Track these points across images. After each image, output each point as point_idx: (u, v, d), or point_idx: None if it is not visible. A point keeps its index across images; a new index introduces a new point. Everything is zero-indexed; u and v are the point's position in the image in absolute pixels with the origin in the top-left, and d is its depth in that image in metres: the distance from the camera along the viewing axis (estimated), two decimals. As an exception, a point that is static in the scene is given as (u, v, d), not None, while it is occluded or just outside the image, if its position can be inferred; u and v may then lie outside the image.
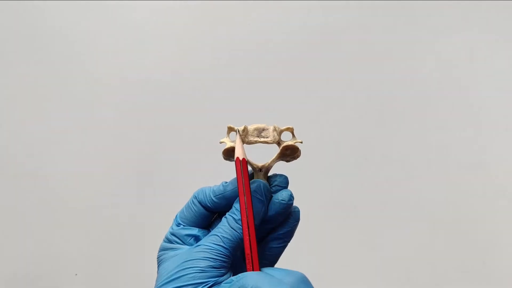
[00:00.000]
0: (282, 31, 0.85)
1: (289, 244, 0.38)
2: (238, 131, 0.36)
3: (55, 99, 0.83)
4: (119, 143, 0.82)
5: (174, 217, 0.37)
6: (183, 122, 0.82)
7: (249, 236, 0.33)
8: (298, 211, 0.37)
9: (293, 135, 0.37)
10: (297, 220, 0.37)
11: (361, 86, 0.84)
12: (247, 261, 0.33)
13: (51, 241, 0.80)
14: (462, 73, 0.85)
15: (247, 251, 0.33)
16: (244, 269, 0.37)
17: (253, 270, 0.33)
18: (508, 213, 0.81)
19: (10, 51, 0.84)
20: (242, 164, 0.34)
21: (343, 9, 0.86)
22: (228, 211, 0.36)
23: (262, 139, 0.36)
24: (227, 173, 0.39)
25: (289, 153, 0.37)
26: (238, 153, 0.35)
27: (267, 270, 0.34)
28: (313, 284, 0.33)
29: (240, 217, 0.34)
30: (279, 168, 0.38)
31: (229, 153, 0.36)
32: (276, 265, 0.38)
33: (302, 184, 0.80)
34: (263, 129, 0.36)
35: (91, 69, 0.83)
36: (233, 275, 0.34)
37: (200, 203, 0.36)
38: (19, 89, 0.83)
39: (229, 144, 0.36)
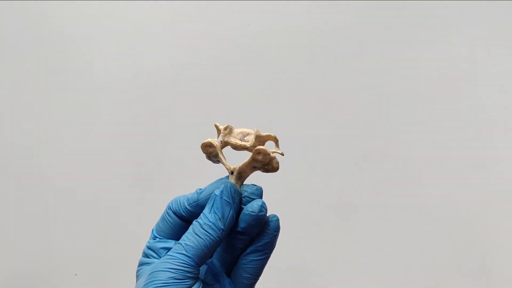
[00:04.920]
0: (281, 30, 0.85)
1: (289, 244, 0.36)
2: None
3: (55, 98, 0.83)
4: (119, 143, 0.82)
5: (151, 230, 0.35)
6: (183, 123, 0.82)
7: None
8: (277, 220, 0.34)
9: (277, 146, 0.34)
10: (276, 230, 0.34)
11: (361, 86, 0.84)
12: None
13: (51, 241, 0.80)
14: (462, 73, 0.85)
15: None
16: (223, 277, 0.35)
17: None
18: (508, 213, 0.81)
19: (10, 51, 0.84)
20: None
21: (342, 8, 0.86)
22: None
23: (242, 143, 0.34)
24: (225, 173, 0.38)
25: (261, 159, 0.33)
26: None
27: None
28: (313, 282, 0.32)
29: (205, 222, 0.31)
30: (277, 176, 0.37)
31: (206, 149, 0.35)
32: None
33: (302, 184, 0.81)
34: (248, 134, 0.35)
35: (91, 68, 0.84)
36: (215, 284, 0.32)
37: (175, 213, 0.34)
38: (19, 89, 0.83)
39: (208, 139, 0.34)
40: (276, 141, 0.34)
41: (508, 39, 0.85)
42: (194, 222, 0.32)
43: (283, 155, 0.34)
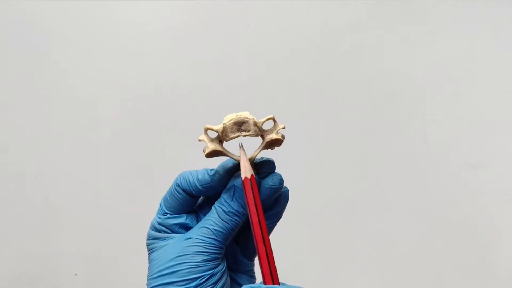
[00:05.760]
0: (280, 30, 0.85)
1: (288, 242, 0.37)
2: (241, 145, 0.35)
3: (54, 98, 0.83)
4: (119, 143, 0.82)
5: (159, 204, 0.37)
6: (184, 123, 0.82)
7: (268, 258, 0.32)
8: (287, 191, 0.37)
9: (274, 121, 0.36)
10: (287, 200, 0.37)
11: (360, 85, 0.84)
12: (266, 278, 0.32)
13: (51, 241, 0.80)
14: (462, 73, 0.85)
15: (266, 270, 0.32)
16: (234, 253, 0.37)
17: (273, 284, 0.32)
18: (508, 213, 0.81)
19: (10, 51, 0.84)
20: (252, 182, 0.34)
21: (342, 7, 0.86)
22: (214, 196, 0.36)
23: (243, 133, 0.35)
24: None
25: (273, 143, 0.36)
26: (246, 172, 0.34)
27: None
28: (311, 283, 0.33)
29: (230, 210, 0.34)
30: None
31: (212, 156, 0.36)
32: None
33: (301, 183, 0.81)
34: (243, 122, 0.35)
35: (92, 68, 0.84)
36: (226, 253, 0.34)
37: (184, 190, 0.36)
38: (18, 89, 0.83)
39: (210, 147, 0.35)
40: (273, 119, 0.35)
41: (508, 39, 0.85)
42: (217, 207, 0.35)
43: (284, 127, 0.35)
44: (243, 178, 0.34)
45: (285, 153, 0.38)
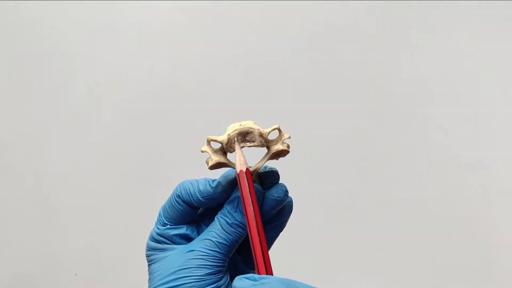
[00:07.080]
0: (280, 30, 0.85)
1: (288, 243, 0.37)
2: (237, 140, 0.34)
3: (54, 98, 0.83)
4: (119, 143, 0.82)
5: (158, 214, 0.36)
6: (183, 123, 0.82)
7: (262, 249, 0.31)
8: (291, 201, 0.36)
9: (280, 131, 0.35)
10: (290, 210, 0.36)
11: (361, 85, 0.84)
12: (260, 268, 0.31)
13: (51, 241, 0.80)
14: (462, 72, 0.85)
15: (260, 260, 0.31)
16: (236, 264, 0.36)
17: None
18: (508, 213, 0.81)
19: (9, 51, 0.84)
20: (247, 175, 0.33)
21: (342, 7, 0.86)
22: (216, 207, 0.35)
23: (248, 144, 0.34)
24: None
25: (279, 154, 0.35)
26: (241, 165, 0.33)
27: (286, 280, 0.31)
28: (313, 283, 0.32)
29: (233, 221, 0.33)
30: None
31: (216, 168, 0.35)
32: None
33: (302, 184, 0.80)
34: (247, 133, 0.34)
35: (92, 68, 0.84)
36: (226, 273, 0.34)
37: (184, 202, 0.35)
38: (18, 89, 0.83)
39: (214, 159, 0.34)
40: (279, 128, 0.35)
41: (509, 39, 0.85)
42: (220, 218, 0.34)
43: (290, 137, 0.35)
44: (238, 171, 0.33)
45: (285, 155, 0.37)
